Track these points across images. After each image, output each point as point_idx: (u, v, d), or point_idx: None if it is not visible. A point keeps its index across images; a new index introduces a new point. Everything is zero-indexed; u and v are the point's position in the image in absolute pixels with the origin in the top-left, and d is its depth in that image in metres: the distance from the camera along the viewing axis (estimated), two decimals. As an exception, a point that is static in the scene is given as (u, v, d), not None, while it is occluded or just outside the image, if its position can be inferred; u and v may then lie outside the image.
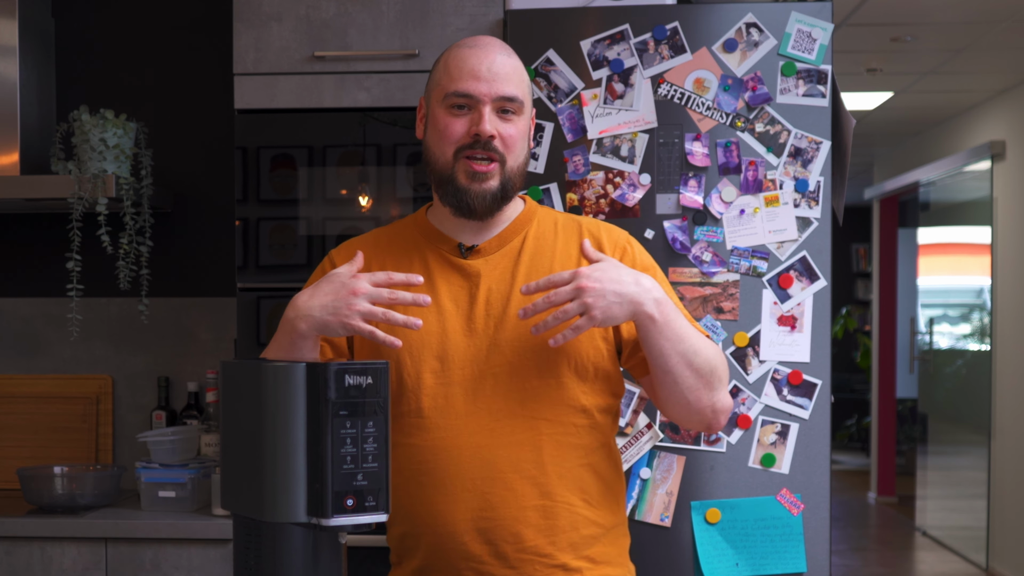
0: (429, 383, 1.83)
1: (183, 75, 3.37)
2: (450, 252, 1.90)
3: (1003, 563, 6.44)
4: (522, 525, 1.80)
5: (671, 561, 2.65)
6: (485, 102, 1.83)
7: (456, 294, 1.87)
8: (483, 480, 1.80)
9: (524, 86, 1.88)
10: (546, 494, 1.81)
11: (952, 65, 5.95)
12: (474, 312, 1.85)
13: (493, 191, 1.84)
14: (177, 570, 2.84)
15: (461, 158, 1.84)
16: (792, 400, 2.65)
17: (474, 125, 1.83)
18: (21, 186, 3.04)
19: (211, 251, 3.34)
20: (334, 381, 1.47)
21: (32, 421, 3.32)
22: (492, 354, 1.83)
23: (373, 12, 2.89)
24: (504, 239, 1.91)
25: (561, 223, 1.95)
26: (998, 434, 6.57)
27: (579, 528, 1.84)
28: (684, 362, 1.80)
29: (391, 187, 2.91)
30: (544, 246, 1.91)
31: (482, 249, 1.90)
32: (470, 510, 1.80)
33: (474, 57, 1.85)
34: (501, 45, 1.89)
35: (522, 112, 1.86)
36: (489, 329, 1.84)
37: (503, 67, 1.85)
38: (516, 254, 1.89)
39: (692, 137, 2.67)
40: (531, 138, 1.93)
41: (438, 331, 1.85)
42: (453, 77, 1.85)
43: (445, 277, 1.89)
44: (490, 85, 1.83)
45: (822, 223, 2.66)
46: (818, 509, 2.65)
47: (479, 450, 1.80)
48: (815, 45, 2.66)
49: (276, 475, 1.48)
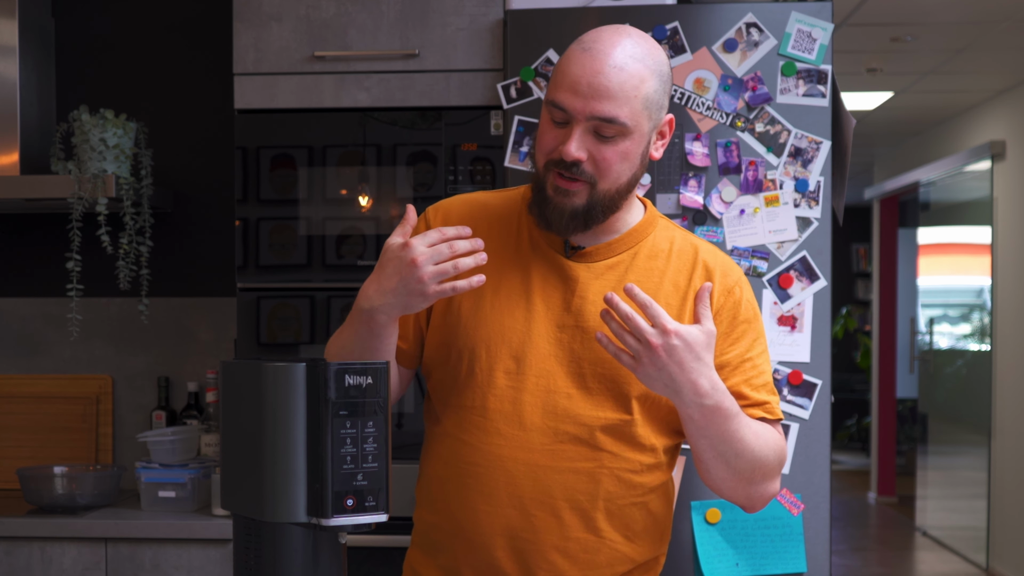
0: (501, 383, 1.73)
1: (183, 75, 3.37)
2: (555, 247, 1.77)
3: (1003, 563, 6.44)
4: (560, 555, 1.73)
5: (671, 561, 2.64)
6: (579, 120, 1.65)
7: (550, 294, 1.75)
8: (532, 501, 1.72)
9: (636, 102, 1.66)
10: (593, 529, 1.74)
11: (952, 65, 5.95)
12: (564, 320, 1.74)
13: (575, 208, 1.69)
14: (177, 570, 2.84)
15: (551, 170, 1.70)
16: (792, 400, 2.65)
17: (562, 144, 1.67)
18: (21, 186, 3.04)
19: (211, 251, 3.34)
20: (334, 381, 1.47)
21: (32, 421, 3.32)
22: (571, 371, 1.73)
23: (373, 12, 2.89)
24: (615, 248, 1.77)
25: (678, 244, 1.80)
26: (998, 434, 6.57)
27: (615, 565, 1.77)
28: (721, 461, 1.70)
29: (391, 187, 2.91)
30: (655, 268, 1.77)
31: (589, 253, 1.76)
32: (511, 527, 1.72)
33: (580, 65, 1.66)
34: (623, 47, 1.67)
35: (627, 133, 1.67)
36: (575, 343, 1.73)
37: (610, 81, 1.64)
38: (623, 269, 1.76)
39: (692, 137, 2.67)
40: (649, 152, 1.73)
41: (522, 329, 1.74)
42: (557, 82, 1.68)
43: (542, 273, 1.76)
44: (586, 103, 1.64)
45: (822, 223, 2.66)
46: (818, 509, 2.65)
47: (536, 469, 1.71)
48: (815, 45, 2.66)
49: (276, 475, 1.48)
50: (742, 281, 1.81)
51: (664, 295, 1.76)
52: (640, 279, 1.76)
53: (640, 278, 1.76)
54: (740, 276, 1.82)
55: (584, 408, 1.73)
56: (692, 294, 1.76)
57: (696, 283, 1.77)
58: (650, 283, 1.76)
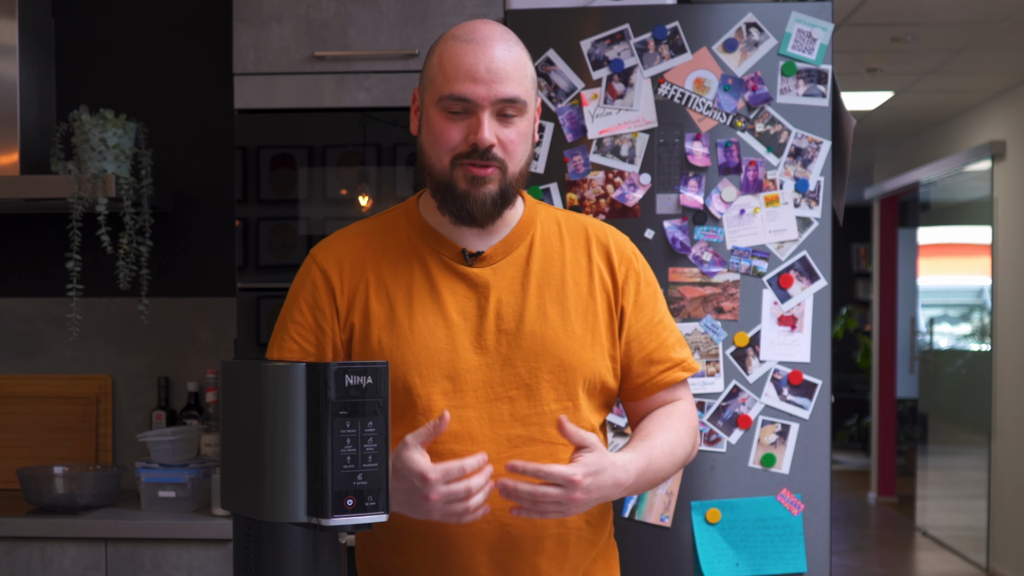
0: (440, 406, 1.72)
1: (183, 75, 3.37)
2: (453, 259, 1.77)
3: (1003, 563, 6.44)
4: (539, 556, 1.74)
5: (671, 561, 2.64)
6: (484, 106, 1.67)
7: (463, 306, 1.75)
8: (502, 510, 1.70)
9: (527, 81, 1.72)
10: (561, 522, 1.75)
11: (952, 65, 5.94)
12: (484, 327, 1.74)
13: (493, 196, 1.70)
14: (177, 570, 2.84)
15: (459, 164, 1.70)
16: (792, 400, 2.64)
17: (472, 133, 1.68)
18: (21, 186, 3.04)
19: (211, 251, 3.34)
20: (334, 381, 1.46)
21: (32, 421, 3.32)
22: (506, 375, 1.73)
23: (373, 12, 2.89)
24: (510, 244, 1.78)
25: (565, 225, 1.83)
26: (998, 434, 6.57)
27: (583, 552, 1.79)
28: (652, 486, 1.80)
29: (391, 187, 2.91)
30: (552, 253, 1.79)
31: (488, 256, 1.77)
32: (488, 543, 1.72)
33: (471, 55, 1.68)
34: (501, 34, 1.72)
35: (525, 112, 1.71)
36: (501, 346, 1.73)
37: (503, 64, 1.68)
38: (524, 262, 1.78)
39: (692, 137, 2.67)
40: (535, 133, 1.78)
41: (447, 347, 1.73)
42: (448, 77, 1.68)
43: (450, 287, 1.75)
44: (489, 88, 1.67)
45: (822, 223, 2.66)
46: (818, 509, 2.64)
47: (497, 480, 1.67)
48: (815, 45, 2.66)
49: (276, 475, 1.48)
50: (637, 254, 1.87)
51: (572, 276, 1.79)
52: (542, 267, 1.78)
53: (542, 266, 1.78)
54: (631, 244, 1.87)
55: (528, 407, 1.74)
56: (595, 269, 1.79)
57: (596, 257, 1.80)
58: (553, 269, 1.78)
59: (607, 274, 1.81)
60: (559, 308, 1.76)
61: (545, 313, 1.75)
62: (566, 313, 1.77)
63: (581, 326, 1.77)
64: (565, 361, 1.75)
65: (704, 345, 2.65)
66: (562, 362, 1.74)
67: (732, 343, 2.65)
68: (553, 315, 1.75)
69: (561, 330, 1.75)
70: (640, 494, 1.76)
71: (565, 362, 1.74)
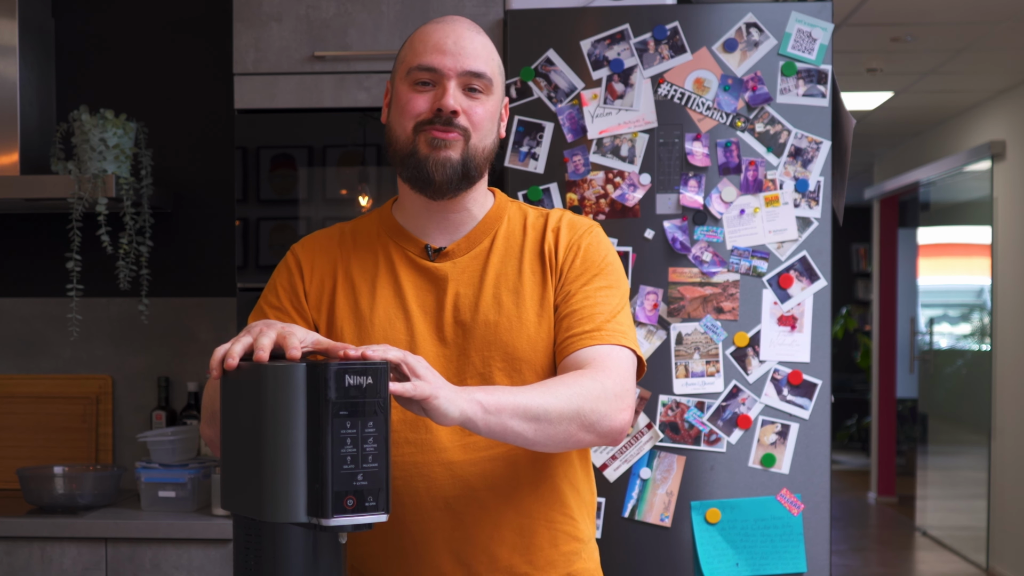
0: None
1: (183, 75, 3.37)
2: (417, 254, 1.81)
3: (1003, 563, 6.44)
4: (496, 545, 1.74)
5: (671, 561, 2.65)
6: (450, 76, 1.73)
7: (424, 299, 1.79)
8: (456, 499, 1.72)
9: (494, 65, 1.78)
10: (523, 512, 1.75)
11: (952, 65, 5.95)
12: (443, 319, 1.77)
13: (453, 163, 1.73)
14: (177, 570, 2.84)
15: (422, 130, 1.73)
16: (792, 400, 2.65)
17: (437, 100, 1.72)
18: (21, 186, 3.04)
19: (211, 251, 3.34)
20: (334, 381, 1.46)
21: (32, 421, 3.32)
22: (463, 365, 1.76)
23: (373, 12, 2.89)
24: (473, 240, 1.81)
25: (531, 218, 1.85)
26: (998, 434, 6.57)
27: (559, 545, 1.78)
28: (531, 430, 1.62)
29: (391, 187, 2.91)
30: (512, 247, 1.82)
31: (450, 252, 1.80)
32: (443, 530, 1.73)
33: (440, 31, 1.76)
34: (470, 23, 1.80)
35: (491, 91, 1.76)
36: (458, 338, 1.76)
37: (471, 42, 1.75)
38: (485, 256, 1.80)
39: (692, 137, 2.67)
40: (502, 124, 1.82)
41: (407, 339, 1.76)
42: (417, 51, 1.75)
43: (412, 280, 1.80)
44: (456, 59, 1.73)
45: (822, 223, 2.66)
46: (818, 509, 2.65)
47: (451, 467, 1.72)
48: (815, 45, 2.66)
49: (276, 475, 1.48)
50: (591, 232, 1.83)
51: (528, 265, 1.80)
52: (502, 260, 1.80)
53: (502, 258, 1.80)
54: (589, 229, 1.83)
55: None
56: (547, 251, 1.80)
57: (548, 239, 1.81)
58: (511, 261, 1.80)
59: (555, 254, 1.82)
60: (514, 297, 1.78)
61: (500, 303, 1.77)
62: (521, 301, 1.78)
63: (535, 313, 1.78)
64: (516, 349, 1.76)
65: (704, 345, 2.65)
66: (513, 350, 1.76)
67: (732, 343, 2.65)
68: (508, 304, 1.77)
69: (515, 319, 1.77)
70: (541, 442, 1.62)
71: (516, 350, 1.76)
